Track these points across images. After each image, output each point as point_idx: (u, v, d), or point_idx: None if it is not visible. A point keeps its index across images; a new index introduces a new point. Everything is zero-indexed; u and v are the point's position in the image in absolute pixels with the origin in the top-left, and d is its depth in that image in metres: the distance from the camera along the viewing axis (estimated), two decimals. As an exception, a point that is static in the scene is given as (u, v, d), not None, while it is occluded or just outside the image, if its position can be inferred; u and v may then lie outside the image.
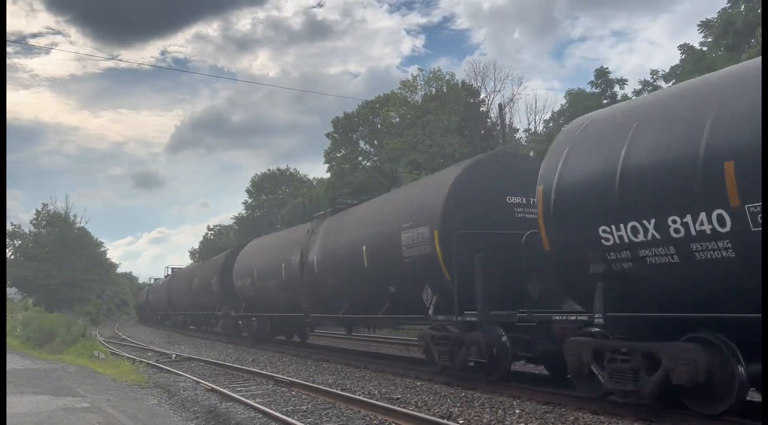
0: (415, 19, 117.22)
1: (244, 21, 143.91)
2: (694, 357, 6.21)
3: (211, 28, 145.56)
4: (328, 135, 46.09)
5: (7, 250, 55.20)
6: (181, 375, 12.54)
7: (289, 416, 7.64)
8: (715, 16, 28.54)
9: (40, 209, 59.34)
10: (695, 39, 38.84)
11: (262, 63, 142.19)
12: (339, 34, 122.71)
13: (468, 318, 9.68)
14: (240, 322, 23.20)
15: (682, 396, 6.65)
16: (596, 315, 7.19)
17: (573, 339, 7.74)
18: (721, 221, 5.92)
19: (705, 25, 29.48)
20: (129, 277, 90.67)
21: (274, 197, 63.20)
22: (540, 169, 8.27)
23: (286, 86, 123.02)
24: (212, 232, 74.41)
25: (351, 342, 20.74)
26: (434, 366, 10.86)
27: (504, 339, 9.14)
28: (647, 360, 6.77)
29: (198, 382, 11.28)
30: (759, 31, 21.72)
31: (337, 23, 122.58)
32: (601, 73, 31.55)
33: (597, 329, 7.39)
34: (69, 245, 54.97)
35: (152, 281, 57.85)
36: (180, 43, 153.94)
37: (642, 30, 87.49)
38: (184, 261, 76.22)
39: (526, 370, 10.95)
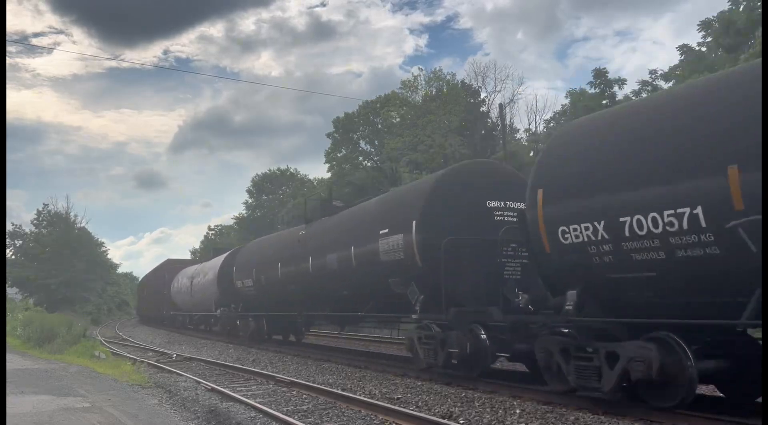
0: (418, 18, 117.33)
1: (248, 21, 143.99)
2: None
3: (215, 28, 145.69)
4: (328, 135, 46.16)
5: (8, 250, 55.28)
6: (181, 375, 12.55)
7: (289, 416, 7.65)
8: (715, 15, 28.55)
9: (41, 209, 59.47)
10: (697, 39, 38.73)
11: (265, 63, 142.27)
12: (342, 34, 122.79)
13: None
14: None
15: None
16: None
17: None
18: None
19: (705, 25, 29.48)
20: (130, 277, 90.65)
21: (275, 197, 63.27)
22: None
23: (289, 87, 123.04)
24: (213, 232, 74.51)
25: (351, 342, 20.76)
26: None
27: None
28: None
29: (198, 382, 11.29)
30: (759, 31, 21.73)
31: (340, 23, 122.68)
32: (600, 74, 31.55)
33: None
34: (70, 245, 55.05)
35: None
36: (183, 43, 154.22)
37: (645, 29, 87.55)
38: (185, 261, 76.05)
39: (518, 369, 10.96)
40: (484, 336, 9.66)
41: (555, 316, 8.04)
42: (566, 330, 7.86)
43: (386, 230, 11.78)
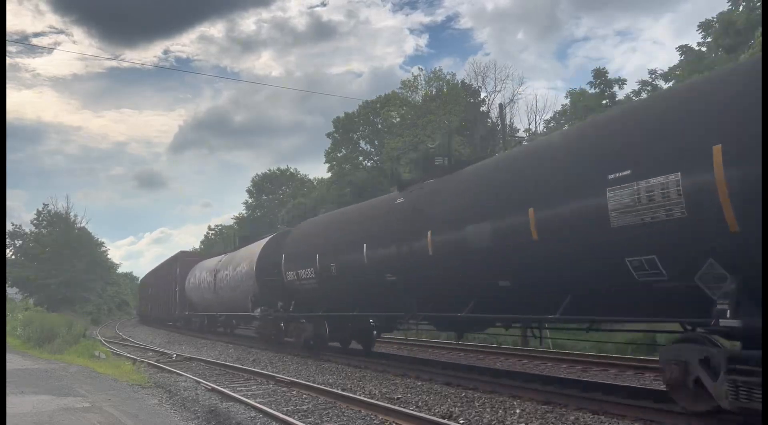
0: (419, 18, 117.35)
1: (248, 22, 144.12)
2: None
3: (215, 28, 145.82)
4: (328, 135, 46.15)
5: (8, 250, 55.29)
6: (181, 375, 12.55)
7: (289, 416, 7.65)
8: (715, 16, 28.56)
9: (40, 209, 59.49)
10: (697, 39, 38.74)
11: (265, 63, 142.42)
12: (342, 34, 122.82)
13: None
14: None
15: None
16: None
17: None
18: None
19: (704, 26, 29.49)
20: (130, 277, 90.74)
21: (275, 197, 63.30)
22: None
23: (290, 87, 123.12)
24: (213, 232, 74.52)
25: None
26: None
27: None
28: None
29: (198, 382, 11.29)
30: (758, 31, 21.73)
31: (341, 23, 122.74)
32: (599, 74, 31.57)
33: None
34: (70, 245, 55.05)
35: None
36: (183, 43, 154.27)
37: (646, 29, 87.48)
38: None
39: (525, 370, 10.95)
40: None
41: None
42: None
43: (627, 173, 6.61)
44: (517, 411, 7.59)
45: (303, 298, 16.21)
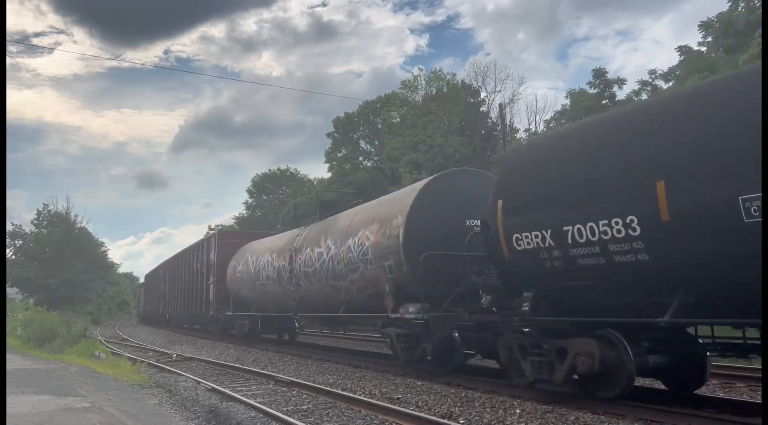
0: (419, 18, 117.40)
1: (249, 22, 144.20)
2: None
3: (216, 29, 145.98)
4: (328, 135, 46.19)
5: (8, 250, 55.33)
6: (181, 375, 12.55)
7: (289, 416, 7.65)
8: (714, 16, 28.54)
9: (41, 209, 59.52)
10: (697, 39, 38.70)
11: (266, 63, 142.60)
12: (343, 34, 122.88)
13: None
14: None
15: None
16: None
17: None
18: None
19: (705, 26, 29.48)
20: (130, 277, 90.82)
21: (275, 197, 63.32)
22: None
23: (290, 87, 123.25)
24: (213, 232, 74.46)
25: (351, 342, 20.75)
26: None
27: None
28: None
29: (199, 382, 11.29)
30: (759, 31, 21.71)
31: (341, 23, 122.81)
32: (599, 74, 31.57)
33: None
34: (70, 245, 55.11)
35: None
36: (184, 43, 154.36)
37: (646, 29, 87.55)
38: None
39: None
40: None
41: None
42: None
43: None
44: (517, 411, 7.59)
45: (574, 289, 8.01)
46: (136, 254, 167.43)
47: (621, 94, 31.67)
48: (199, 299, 26.33)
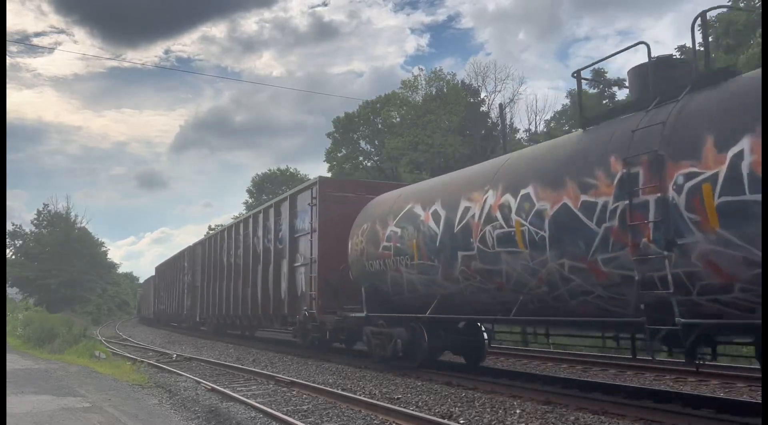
0: (420, 18, 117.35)
1: (250, 22, 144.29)
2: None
3: (217, 29, 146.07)
4: (329, 135, 46.19)
5: (8, 250, 55.34)
6: (181, 375, 12.55)
7: (289, 416, 7.64)
8: (714, 16, 28.55)
9: (41, 209, 59.53)
10: (697, 38, 38.47)
11: (266, 63, 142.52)
12: (344, 34, 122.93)
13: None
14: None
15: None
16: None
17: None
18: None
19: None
20: (130, 277, 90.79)
21: (275, 197, 63.26)
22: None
23: (291, 87, 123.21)
24: (213, 232, 74.46)
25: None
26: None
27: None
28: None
29: (199, 382, 11.28)
30: (759, 31, 21.72)
31: (342, 23, 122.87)
32: (598, 74, 31.60)
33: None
34: (70, 245, 55.09)
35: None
36: (185, 43, 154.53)
37: (647, 29, 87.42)
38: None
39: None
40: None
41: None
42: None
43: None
44: (517, 411, 7.59)
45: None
46: (136, 254, 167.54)
47: (621, 94, 31.69)
48: (271, 293, 17.65)
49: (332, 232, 14.27)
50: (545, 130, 38.05)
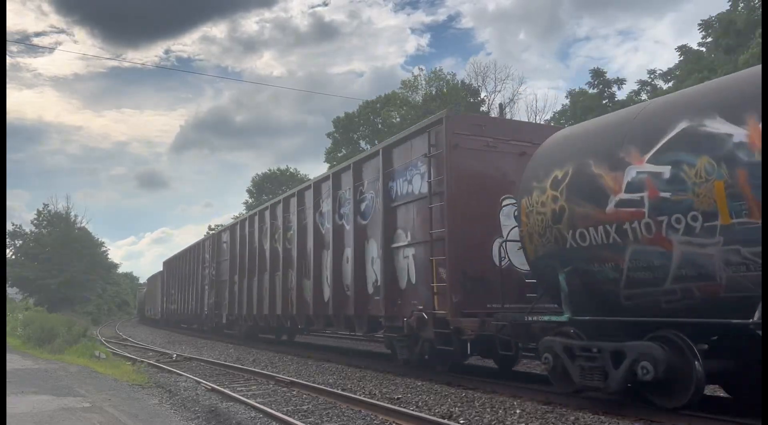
0: (420, 18, 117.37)
1: (250, 22, 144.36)
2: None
3: (217, 29, 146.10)
4: (329, 135, 46.20)
5: (8, 250, 55.31)
6: (181, 375, 12.55)
7: (289, 416, 7.64)
8: (714, 15, 28.53)
9: (41, 209, 59.51)
10: (698, 39, 38.68)
11: (267, 63, 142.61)
12: (344, 34, 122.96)
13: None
14: None
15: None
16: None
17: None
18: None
19: (705, 25, 29.49)
20: (130, 277, 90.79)
21: (275, 197, 63.28)
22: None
23: (291, 87, 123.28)
24: (213, 232, 74.48)
25: (352, 342, 20.74)
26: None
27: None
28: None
29: (199, 382, 11.29)
30: (759, 31, 21.71)
31: (342, 23, 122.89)
32: (598, 74, 31.59)
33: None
34: (70, 245, 55.06)
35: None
36: (185, 43, 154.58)
37: (647, 29, 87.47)
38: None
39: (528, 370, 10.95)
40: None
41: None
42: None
43: None
44: (517, 411, 7.59)
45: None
46: (136, 254, 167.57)
47: (621, 94, 31.69)
48: (351, 287, 13.25)
49: (466, 197, 10.21)
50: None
